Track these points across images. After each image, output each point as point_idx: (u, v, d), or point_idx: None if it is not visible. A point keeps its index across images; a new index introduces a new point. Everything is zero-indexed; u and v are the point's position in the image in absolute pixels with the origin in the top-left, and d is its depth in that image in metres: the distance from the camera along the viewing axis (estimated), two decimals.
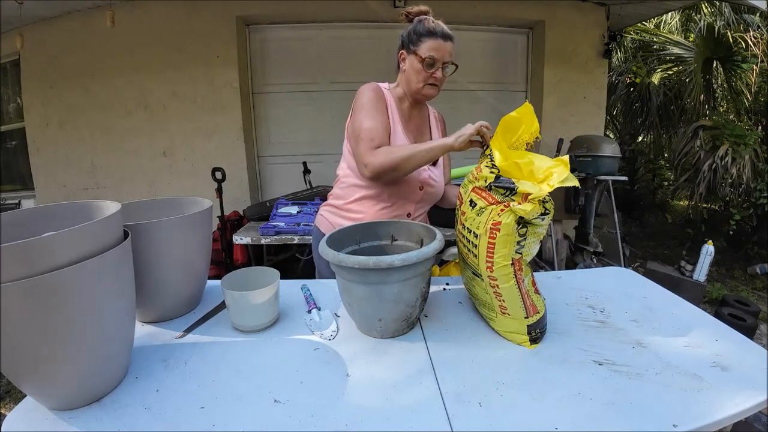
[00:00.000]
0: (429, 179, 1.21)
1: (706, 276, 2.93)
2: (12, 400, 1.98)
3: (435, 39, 1.11)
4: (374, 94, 1.16)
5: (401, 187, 1.18)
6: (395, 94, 1.22)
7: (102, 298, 0.65)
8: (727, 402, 0.66)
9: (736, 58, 4.22)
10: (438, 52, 1.12)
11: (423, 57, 1.11)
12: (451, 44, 1.14)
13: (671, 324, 0.91)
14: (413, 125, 1.24)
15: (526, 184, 0.76)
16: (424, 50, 1.12)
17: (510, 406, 0.66)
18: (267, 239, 2.42)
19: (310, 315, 0.97)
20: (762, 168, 3.52)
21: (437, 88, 1.17)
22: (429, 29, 1.12)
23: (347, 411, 0.66)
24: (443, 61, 1.13)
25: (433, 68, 1.13)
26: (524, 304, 0.81)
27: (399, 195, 1.19)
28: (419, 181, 1.19)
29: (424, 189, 1.21)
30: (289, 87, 3.67)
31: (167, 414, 0.65)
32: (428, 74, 1.13)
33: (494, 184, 0.81)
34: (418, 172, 1.17)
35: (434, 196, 1.26)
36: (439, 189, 1.26)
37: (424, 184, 1.21)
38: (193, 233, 0.93)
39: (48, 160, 3.63)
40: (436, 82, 1.15)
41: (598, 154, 2.89)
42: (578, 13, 3.63)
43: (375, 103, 1.14)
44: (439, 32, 1.12)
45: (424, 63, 1.12)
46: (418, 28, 1.13)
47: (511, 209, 0.76)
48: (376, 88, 1.18)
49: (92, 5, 3.25)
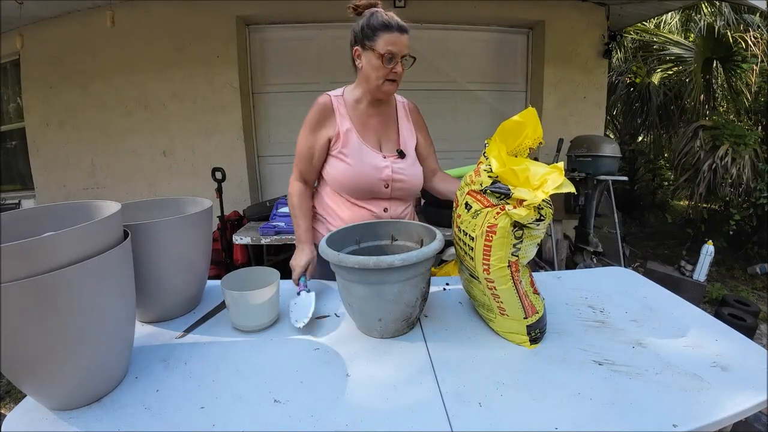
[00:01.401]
0: (393, 175, 1.19)
1: (706, 276, 2.93)
2: (12, 400, 1.98)
3: (391, 32, 1.07)
4: (315, 111, 1.18)
5: (366, 187, 1.18)
6: (352, 97, 1.21)
7: (102, 298, 0.65)
8: (727, 402, 0.66)
9: (736, 58, 4.22)
10: (396, 46, 1.07)
11: (381, 53, 1.07)
12: (407, 36, 1.09)
13: (671, 324, 0.91)
14: (374, 124, 1.22)
15: (521, 190, 0.76)
16: (382, 45, 1.07)
17: (510, 406, 0.66)
18: (267, 239, 2.42)
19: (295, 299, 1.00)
20: (762, 168, 3.52)
21: (397, 84, 1.14)
22: (384, 22, 1.07)
23: (347, 411, 0.66)
24: (402, 55, 1.09)
25: (392, 63, 1.09)
26: (522, 305, 0.81)
27: (368, 194, 1.19)
28: (381, 180, 1.18)
29: (391, 186, 1.19)
30: (289, 87, 3.66)
31: (167, 414, 0.65)
32: (388, 70, 1.09)
33: (490, 189, 0.81)
34: (378, 170, 1.17)
35: (408, 190, 1.24)
36: (412, 182, 1.23)
37: (389, 181, 1.19)
38: (193, 233, 0.93)
39: (48, 160, 3.63)
40: (396, 77, 1.12)
41: (598, 154, 2.88)
42: (578, 13, 3.63)
43: (311, 122, 1.18)
44: (394, 25, 1.07)
45: (383, 59, 1.07)
46: (372, 22, 1.08)
47: (506, 213, 0.76)
48: (320, 102, 1.19)
49: (92, 5, 3.24)
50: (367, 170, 1.16)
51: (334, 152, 1.18)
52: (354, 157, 1.16)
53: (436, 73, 3.68)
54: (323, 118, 1.18)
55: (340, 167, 1.17)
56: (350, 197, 1.20)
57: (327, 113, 1.18)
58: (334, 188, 1.21)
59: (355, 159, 1.16)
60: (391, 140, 1.24)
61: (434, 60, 3.65)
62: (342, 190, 1.20)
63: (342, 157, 1.17)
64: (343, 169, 1.17)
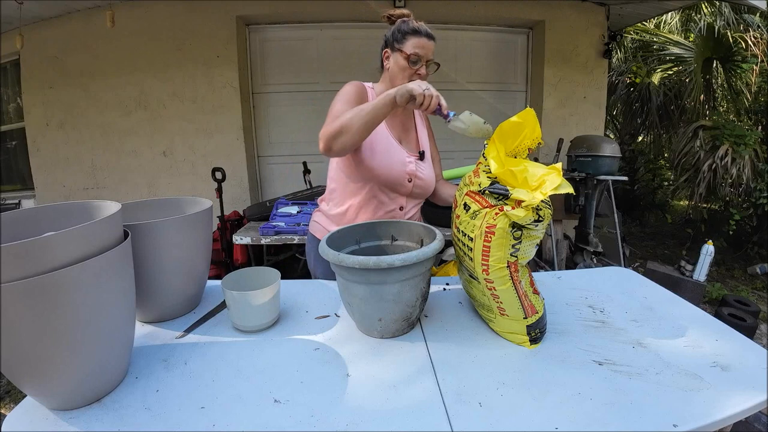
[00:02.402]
0: (416, 171, 1.22)
1: (706, 276, 2.93)
2: (12, 400, 1.98)
3: (419, 37, 1.15)
4: (354, 89, 1.18)
5: (390, 180, 1.19)
6: (378, 91, 1.24)
7: (102, 298, 0.65)
8: (727, 402, 0.66)
9: (736, 58, 4.22)
10: (422, 50, 1.15)
11: (408, 53, 1.15)
12: (433, 43, 1.18)
13: (671, 324, 0.91)
14: (396, 124, 1.26)
15: (520, 191, 0.76)
16: (409, 47, 1.15)
17: (510, 406, 0.66)
18: (267, 239, 2.42)
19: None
20: (762, 168, 3.53)
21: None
22: (414, 28, 1.16)
23: (347, 411, 0.66)
24: (427, 59, 1.17)
25: (418, 65, 1.16)
26: (522, 306, 0.81)
27: (389, 188, 1.20)
28: (407, 173, 1.20)
29: (413, 181, 1.22)
30: (289, 87, 3.67)
31: (167, 414, 0.65)
32: (413, 71, 1.17)
33: (488, 190, 0.81)
34: (403, 164, 1.19)
35: (425, 189, 1.27)
36: (429, 183, 1.27)
37: (413, 176, 1.21)
38: (193, 233, 0.93)
39: (48, 160, 3.63)
40: (420, 79, 1.17)
41: (598, 154, 2.89)
42: (578, 13, 3.63)
43: (352, 95, 1.17)
44: (423, 31, 1.16)
45: (409, 59, 1.15)
46: (403, 27, 1.17)
47: (505, 213, 0.76)
48: (358, 84, 1.21)
49: (92, 5, 3.25)
50: (395, 162, 1.18)
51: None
52: (382, 146, 1.18)
53: (437, 73, 3.67)
54: (361, 99, 1.18)
55: (369, 155, 1.15)
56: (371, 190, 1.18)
57: (363, 96, 1.20)
58: (354, 181, 1.19)
59: (383, 149, 1.18)
60: (410, 141, 1.28)
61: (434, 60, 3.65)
62: (363, 181, 1.18)
63: (372, 144, 1.16)
64: (373, 157, 1.15)
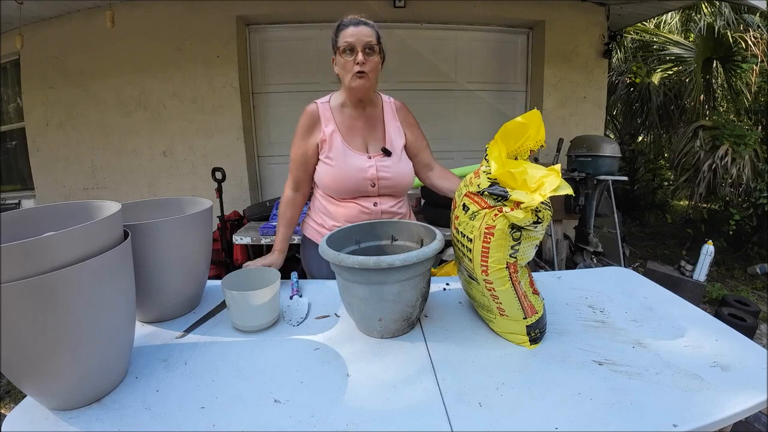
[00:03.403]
0: (379, 173, 1.22)
1: (706, 276, 2.93)
2: (12, 400, 1.98)
3: (346, 28, 1.15)
4: (303, 119, 1.25)
5: (353, 188, 1.22)
6: (337, 102, 1.27)
7: (102, 298, 0.65)
8: (727, 402, 0.66)
9: (736, 58, 4.22)
10: (353, 37, 1.13)
11: (341, 47, 1.15)
12: (365, 28, 1.15)
13: (671, 324, 0.91)
14: (360, 126, 1.26)
15: (519, 193, 0.76)
16: (341, 41, 1.15)
17: (510, 406, 0.66)
18: (267, 239, 2.42)
19: (288, 302, 1.02)
20: (762, 168, 3.52)
21: (367, 76, 1.16)
22: (339, 23, 1.18)
23: (347, 411, 0.66)
24: (362, 44, 1.13)
25: (353, 54, 1.14)
26: (522, 306, 0.81)
27: (355, 193, 1.23)
28: (366, 179, 1.22)
29: (377, 184, 1.23)
30: (289, 87, 3.66)
31: (167, 414, 0.65)
32: (351, 62, 1.14)
33: (487, 191, 0.81)
34: (362, 171, 1.21)
35: (396, 186, 1.26)
36: (399, 178, 1.26)
37: (375, 180, 1.22)
38: (193, 233, 0.93)
39: (48, 160, 3.63)
40: (362, 68, 1.14)
41: (598, 154, 2.88)
42: (578, 13, 3.63)
43: (302, 130, 1.24)
44: (346, 22, 1.16)
45: (344, 53, 1.14)
46: (335, 29, 1.19)
47: (503, 215, 0.76)
48: (307, 111, 1.25)
49: (92, 5, 3.24)
50: (351, 171, 1.20)
51: (321, 156, 1.24)
52: (338, 159, 1.21)
53: (436, 73, 3.68)
54: (311, 125, 1.24)
55: (325, 170, 1.22)
56: (336, 198, 1.25)
57: (314, 120, 1.24)
58: (324, 190, 1.27)
59: (339, 161, 1.21)
60: (377, 140, 1.28)
61: (434, 60, 3.65)
62: (329, 191, 1.25)
63: (327, 161, 1.22)
64: (328, 171, 1.22)
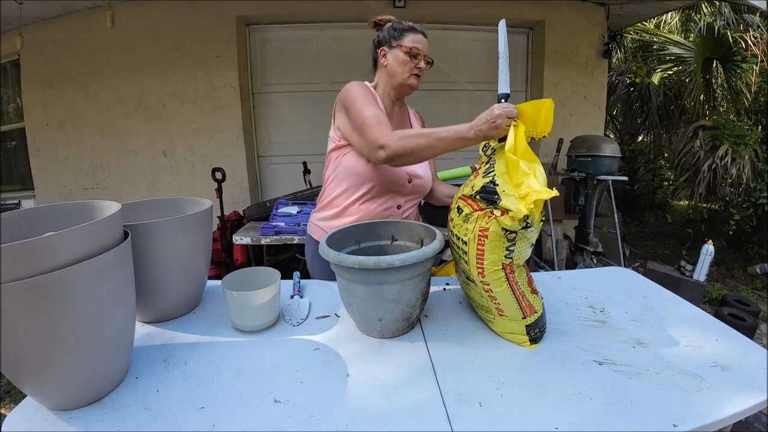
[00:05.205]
0: (415, 171, 1.23)
1: (706, 276, 2.93)
2: (12, 400, 1.98)
3: (416, 33, 1.20)
4: (365, 89, 1.17)
5: (392, 180, 1.19)
6: (379, 93, 1.26)
7: (102, 298, 0.65)
8: (727, 402, 0.66)
9: (736, 58, 4.22)
10: (420, 45, 1.19)
11: (409, 47, 1.17)
12: (427, 42, 1.22)
13: (671, 324, 0.91)
14: (395, 122, 1.26)
15: (509, 199, 0.75)
16: (409, 42, 1.18)
17: (510, 406, 0.66)
18: (267, 239, 2.42)
19: (289, 302, 1.02)
20: (762, 168, 3.52)
21: (419, 79, 1.23)
22: (410, 25, 1.20)
23: (347, 411, 0.66)
24: (426, 54, 1.21)
25: (418, 59, 1.19)
26: (520, 306, 0.81)
27: (389, 189, 1.20)
28: (407, 174, 1.21)
29: (413, 181, 1.23)
30: (289, 87, 3.66)
31: (167, 414, 0.65)
32: (414, 64, 1.19)
33: (478, 194, 0.81)
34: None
35: (423, 188, 1.27)
36: (427, 182, 1.28)
37: (413, 177, 1.22)
38: (193, 233, 0.93)
39: (48, 160, 3.63)
40: (420, 72, 1.21)
41: (598, 154, 2.88)
42: (578, 13, 3.63)
43: (368, 96, 1.14)
44: (419, 28, 1.21)
45: (410, 53, 1.18)
46: (398, 26, 1.20)
47: (495, 218, 0.76)
48: (365, 84, 1.21)
49: (92, 5, 3.25)
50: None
51: None
52: None
53: (436, 73, 3.68)
54: (374, 97, 1.17)
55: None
56: (371, 190, 1.17)
57: (373, 94, 1.19)
58: (354, 180, 1.17)
59: None
60: None
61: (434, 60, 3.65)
62: (362, 182, 1.16)
63: None
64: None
